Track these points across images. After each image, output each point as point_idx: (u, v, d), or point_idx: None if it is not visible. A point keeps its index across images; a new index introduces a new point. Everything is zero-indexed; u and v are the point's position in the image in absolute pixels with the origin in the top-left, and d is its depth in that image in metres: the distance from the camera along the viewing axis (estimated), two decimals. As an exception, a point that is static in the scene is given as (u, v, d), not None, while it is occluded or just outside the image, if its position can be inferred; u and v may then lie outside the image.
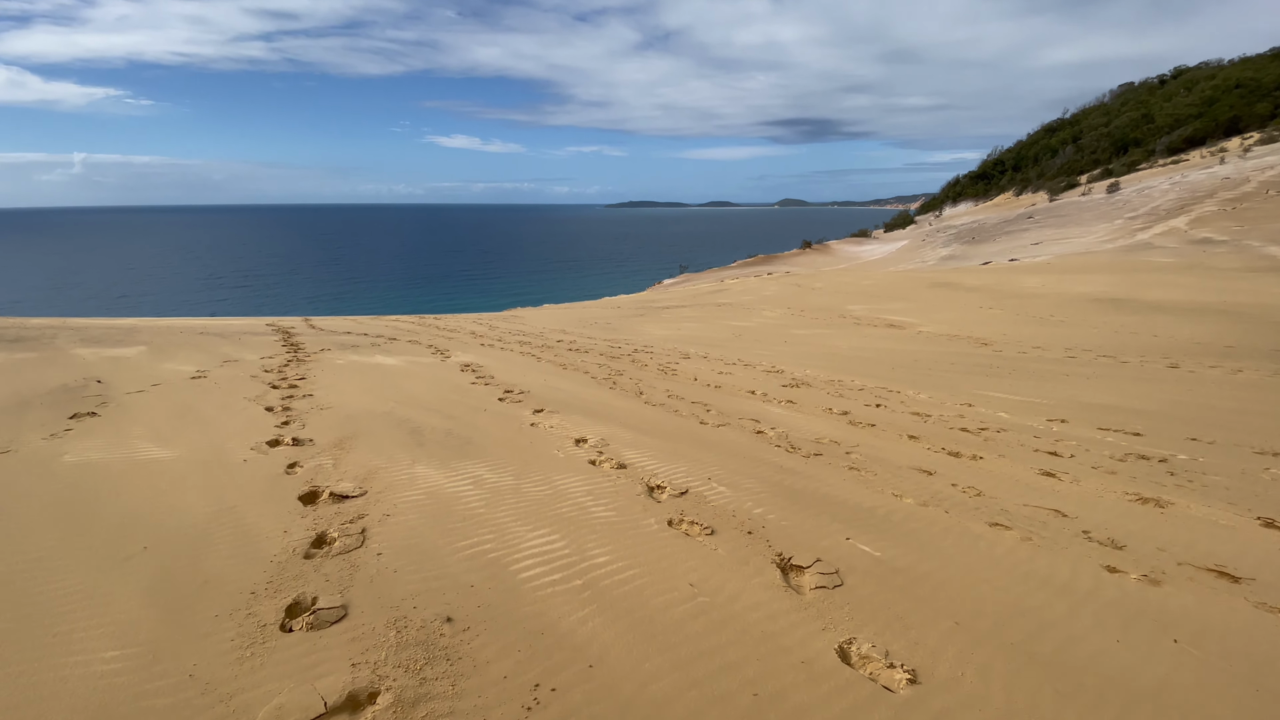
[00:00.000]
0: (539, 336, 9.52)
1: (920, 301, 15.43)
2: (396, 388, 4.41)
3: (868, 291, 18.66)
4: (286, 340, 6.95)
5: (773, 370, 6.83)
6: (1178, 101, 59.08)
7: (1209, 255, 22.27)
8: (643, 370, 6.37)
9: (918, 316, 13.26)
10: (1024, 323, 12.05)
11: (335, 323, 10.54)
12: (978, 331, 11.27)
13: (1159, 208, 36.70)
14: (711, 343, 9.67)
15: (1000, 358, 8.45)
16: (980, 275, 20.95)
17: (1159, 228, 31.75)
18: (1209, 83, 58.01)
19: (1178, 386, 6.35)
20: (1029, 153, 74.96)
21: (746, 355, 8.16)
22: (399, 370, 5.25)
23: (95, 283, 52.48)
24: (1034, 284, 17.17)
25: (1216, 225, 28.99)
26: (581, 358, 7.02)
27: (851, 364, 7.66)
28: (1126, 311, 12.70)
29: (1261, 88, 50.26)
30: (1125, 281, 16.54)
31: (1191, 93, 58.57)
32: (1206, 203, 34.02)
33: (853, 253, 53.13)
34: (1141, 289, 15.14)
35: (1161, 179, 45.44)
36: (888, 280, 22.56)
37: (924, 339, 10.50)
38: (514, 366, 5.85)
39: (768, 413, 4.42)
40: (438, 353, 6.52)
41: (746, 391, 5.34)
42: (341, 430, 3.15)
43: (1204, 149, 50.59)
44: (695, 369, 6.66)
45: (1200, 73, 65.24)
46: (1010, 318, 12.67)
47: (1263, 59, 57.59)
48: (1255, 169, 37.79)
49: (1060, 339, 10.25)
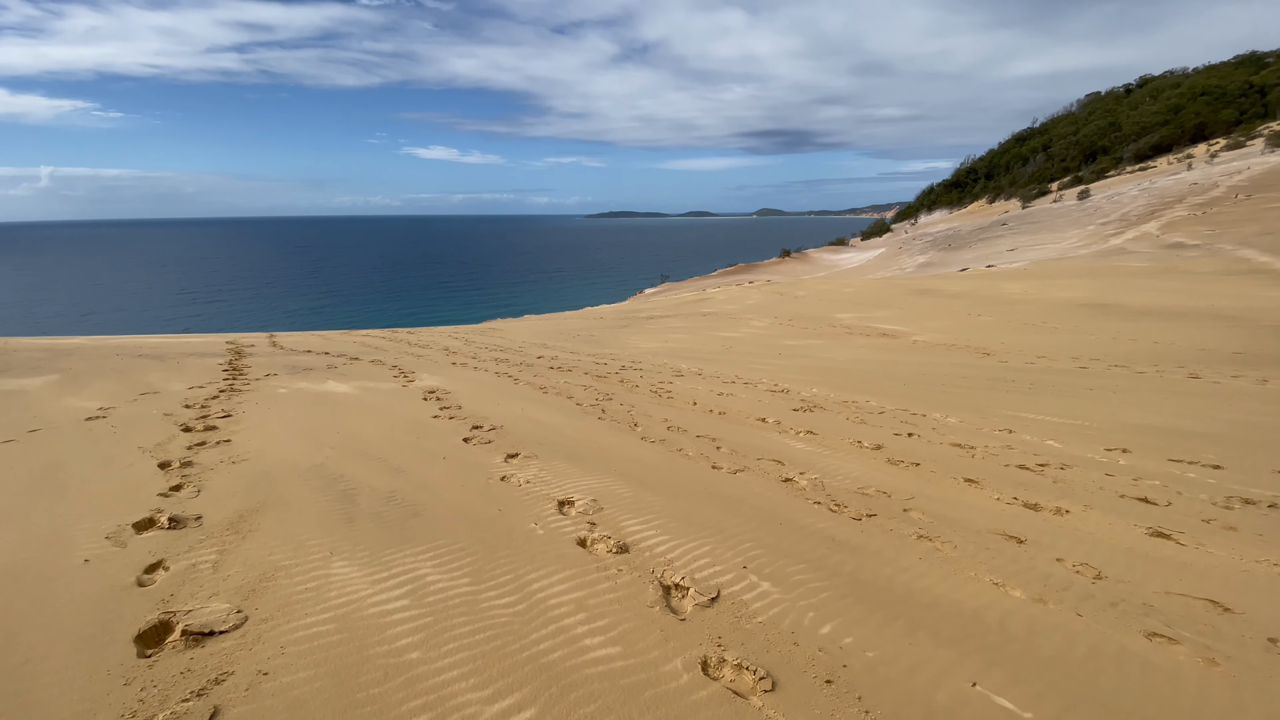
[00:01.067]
0: (518, 352, 8.82)
1: (906, 309, 15.00)
2: (340, 426, 3.68)
3: (851, 299, 18.21)
4: (232, 363, 6.19)
5: (777, 389, 6.16)
6: (1144, 110, 60.57)
7: (1182, 259, 22.33)
8: (634, 392, 5.66)
9: (909, 325, 12.81)
10: (1017, 330, 11.67)
11: (301, 339, 9.67)
12: (974, 340, 10.83)
13: (1129, 213, 37.22)
14: (702, 356, 9.03)
15: (1009, 369, 7.91)
16: (961, 282, 20.68)
17: (1131, 233, 32.11)
18: (1174, 91, 59.58)
19: (1216, 401, 5.81)
20: (1001, 161, 76.32)
21: (743, 370, 7.53)
22: (350, 401, 4.51)
23: (63, 299, 50.27)
24: (1016, 290, 16.87)
25: (1187, 229, 29.33)
26: (564, 378, 6.33)
27: (857, 379, 7.06)
28: (1115, 317, 12.39)
29: (1226, 95, 51.67)
30: (1105, 286, 16.32)
31: (1157, 101, 60.10)
32: (1176, 208, 34.53)
33: (831, 261, 53.25)
34: (1122, 293, 14.90)
35: (1130, 185, 46.33)
36: (869, 288, 22.19)
37: (922, 349, 10.00)
38: (487, 392, 5.14)
39: (789, 449, 3.72)
40: (401, 375, 5.80)
41: (756, 419, 4.64)
42: (248, 498, 2.36)
43: (1171, 155, 51.77)
44: (692, 390, 5.96)
45: (1165, 81, 67.08)
46: (1002, 325, 12.29)
47: (1226, 67, 59.37)
48: (1223, 174, 38.58)
49: (1061, 347, 9.81)
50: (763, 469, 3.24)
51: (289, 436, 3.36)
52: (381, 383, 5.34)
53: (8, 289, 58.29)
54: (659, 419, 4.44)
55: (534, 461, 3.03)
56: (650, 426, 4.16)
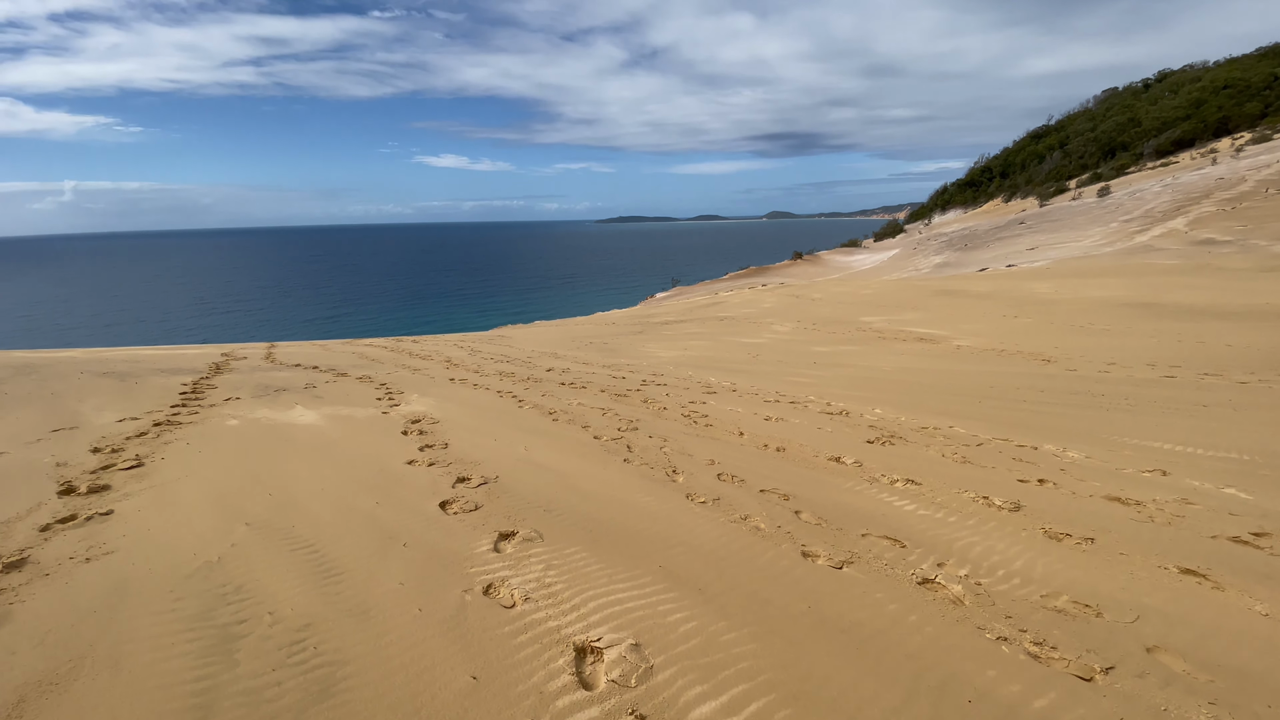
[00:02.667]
0: (525, 364, 8.33)
1: (934, 311, 14.48)
2: (280, 481, 2.94)
3: (871, 301, 17.79)
4: (198, 383, 5.54)
5: (833, 410, 5.33)
6: (1164, 104, 59.33)
7: (1215, 256, 21.63)
8: (662, 417, 4.87)
9: (944, 328, 12.21)
10: (1063, 332, 10.97)
11: (299, 350, 9.44)
12: (1021, 344, 10.05)
13: (1153, 210, 36.30)
14: (730, 367, 8.34)
15: (1086, 380, 6.98)
16: (985, 282, 20.16)
17: (1157, 230, 31.27)
18: (1195, 85, 58.31)
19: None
20: (1016, 159, 75.21)
21: (782, 384, 6.69)
22: (310, 437, 3.80)
23: (85, 310, 51.20)
24: (1045, 289, 16.35)
25: (1217, 225, 28.49)
26: (577, 397, 5.57)
27: (918, 394, 6.18)
28: (1165, 317, 11.76)
29: (1251, 88, 50.39)
30: (1141, 284, 15.74)
31: (1178, 95, 58.85)
32: (1203, 203, 33.59)
33: (844, 262, 52.60)
34: (1163, 292, 14.31)
35: (1152, 181, 45.25)
36: (888, 289, 21.73)
37: (970, 355, 9.22)
38: (484, 420, 4.47)
39: (896, 514, 2.85)
40: (386, 396, 5.15)
41: (828, 459, 3.77)
42: (54, 655, 1.55)
43: (1193, 150, 50.58)
44: (732, 412, 5.14)
45: (1185, 75, 65.72)
46: (1044, 327, 11.61)
47: (1249, 59, 57.98)
48: (1250, 168, 37.53)
49: (1127, 352, 8.91)
50: (877, 556, 2.38)
51: (198, 505, 2.60)
52: (359, 408, 4.68)
53: (33, 300, 59.48)
54: (702, 460, 3.63)
55: (537, 548, 2.28)
56: (695, 474, 3.31)
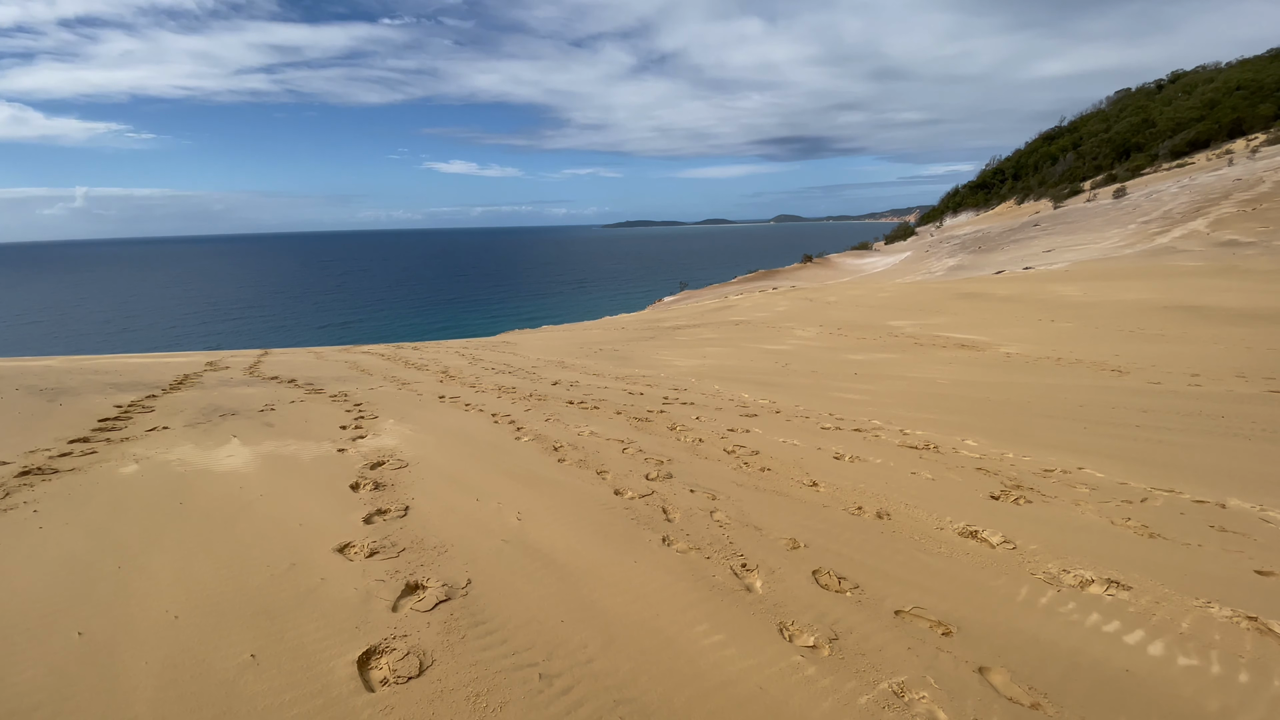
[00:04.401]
0: (530, 374, 7.72)
1: (963, 315, 14.04)
2: (117, 597, 1.86)
3: (890, 304, 17.44)
4: (135, 404, 4.59)
5: (915, 443, 4.16)
6: (1178, 105, 58.65)
7: (1240, 258, 21.16)
8: (700, 455, 3.76)
9: (982, 333, 11.55)
10: (1116, 338, 10.25)
11: (288, 359, 9.02)
12: (1078, 351, 9.19)
13: (1172, 211, 35.77)
14: (761, 379, 7.50)
15: (1180, 397, 6.01)
16: (1007, 284, 19.77)
17: (1177, 231, 30.77)
18: (1209, 86, 57.61)
19: None
20: (1028, 161, 74.59)
21: (829, 401, 5.69)
22: (220, 494, 2.79)
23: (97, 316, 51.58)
24: (1072, 292, 15.95)
25: (1239, 227, 27.96)
26: (588, 422, 4.61)
27: (999, 415, 5.13)
28: (1215, 320, 11.23)
29: (1264, 89, 49.71)
30: (1171, 287, 15.31)
31: (1191, 96, 58.16)
32: (1223, 204, 33.04)
33: (855, 265, 52.20)
34: (1198, 295, 13.86)
35: (1169, 182, 44.64)
36: (905, 292, 21.37)
37: (1025, 365, 8.38)
38: (466, 461, 3.47)
39: (1153, 675, 1.64)
40: (355, 423, 4.26)
41: (959, 532, 2.60)
42: None
43: (1209, 151, 49.90)
44: (788, 447, 3.97)
45: (1198, 76, 64.99)
46: (1090, 332, 10.99)
47: (1262, 60, 57.24)
48: (1268, 169, 36.91)
49: (1204, 361, 8.05)
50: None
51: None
52: (312, 442, 3.71)
53: (43, 306, 59.96)
54: (780, 540, 2.43)
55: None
56: (778, 573, 2.15)
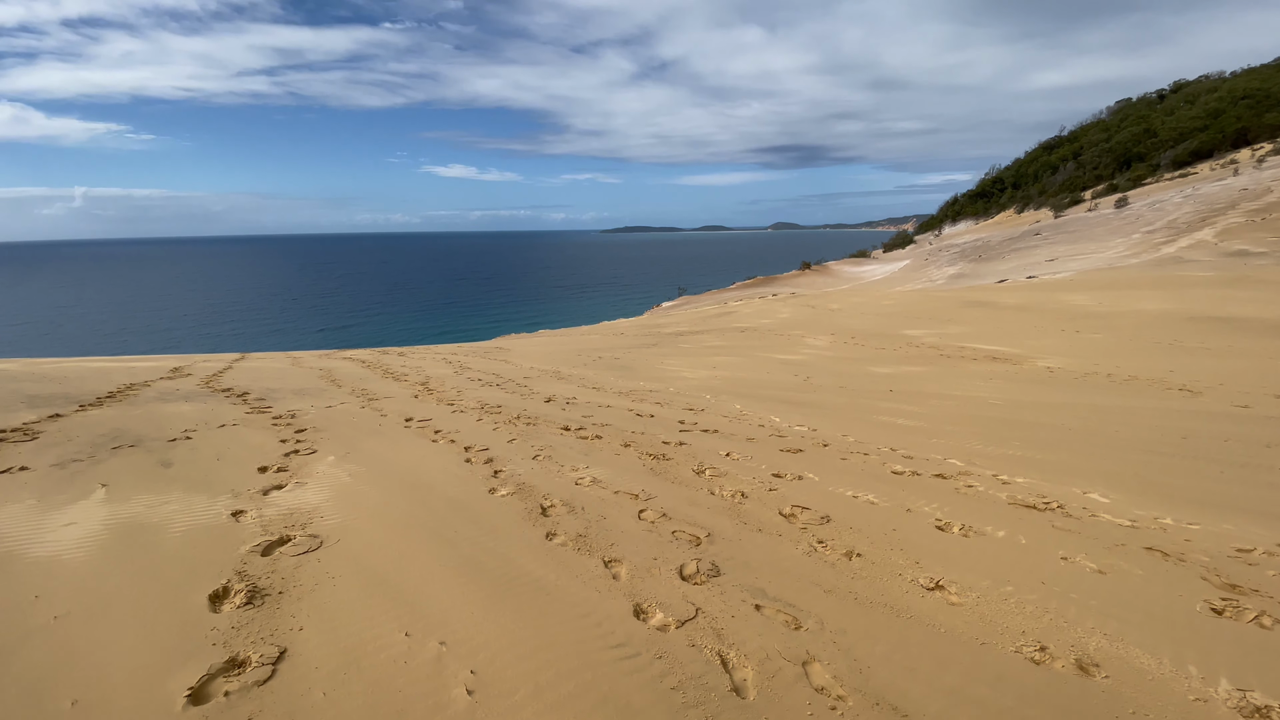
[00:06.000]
0: (521, 386, 7.00)
1: (976, 324, 13.44)
2: None
3: (895, 312, 16.92)
4: (12, 431, 3.81)
5: (1024, 499, 3.19)
6: (1180, 115, 58.42)
7: (1252, 268, 20.71)
8: (746, 520, 2.79)
9: (1010, 344, 10.88)
10: (1160, 352, 9.50)
11: (258, 365, 8.45)
12: (1125, 366, 8.45)
13: (1177, 221, 35.43)
14: (785, 396, 6.66)
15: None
16: (1014, 293, 19.26)
17: (1184, 241, 30.39)
18: (1212, 95, 57.39)
19: None
20: (1028, 170, 74.38)
21: (873, 427, 4.86)
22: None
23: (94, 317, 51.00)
24: (1083, 301, 15.42)
25: (1249, 237, 27.57)
26: (587, 457, 3.68)
27: (1097, 451, 4.30)
28: (1253, 333, 10.61)
29: (1270, 98, 49.43)
30: (1189, 297, 14.77)
31: (1194, 106, 57.94)
32: (1229, 214, 32.67)
33: (853, 273, 51.76)
34: (1218, 305, 13.31)
35: (1172, 192, 44.30)
36: (909, 300, 20.85)
37: (1075, 382, 7.58)
38: (409, 538, 2.46)
39: None
40: (281, 462, 3.31)
41: (1191, 698, 1.63)
42: None
43: (1213, 161, 49.61)
44: (863, 507, 3.02)
45: (1201, 86, 64.81)
46: (1125, 344, 10.31)
47: (1268, 69, 57.04)
48: (1275, 179, 36.55)
49: (1275, 378, 7.31)
50: None
51: None
52: (204, 496, 2.73)
53: (40, 306, 59.32)
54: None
55: None
56: None
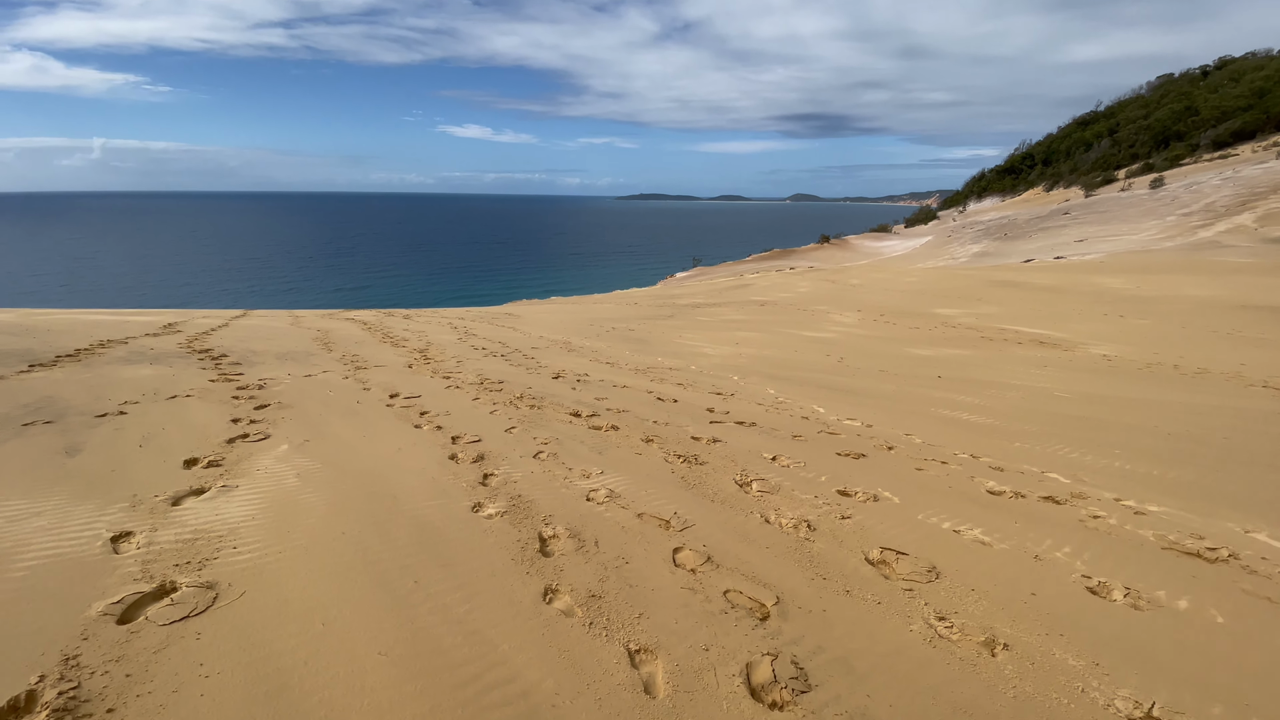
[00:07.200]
0: (528, 359, 6.46)
1: (1008, 305, 12.97)
2: None
3: (920, 289, 16.54)
4: None
5: (1187, 544, 2.41)
6: (1224, 93, 55.92)
7: (1292, 255, 19.97)
8: (823, 573, 2.03)
9: (1053, 328, 10.22)
10: (1218, 342, 8.82)
11: (254, 324, 8.26)
12: (1188, 357, 7.70)
13: (1214, 204, 34.24)
14: (822, 380, 6.08)
15: None
16: (1044, 274, 18.75)
17: (1221, 225, 29.39)
18: (1258, 73, 54.78)
19: None
20: (1060, 146, 71.94)
21: (940, 425, 4.42)
22: None
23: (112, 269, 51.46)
24: (1118, 285, 14.96)
25: (1290, 223, 26.62)
26: (601, 455, 3.11)
27: (1213, 466, 3.66)
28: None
29: (1322, 78, 47.05)
30: (1228, 284, 14.25)
31: (1239, 84, 55.41)
32: (1271, 199, 31.49)
33: (873, 248, 50.75)
34: (1265, 294, 12.72)
35: (1210, 174, 42.73)
36: (933, 277, 20.39)
37: (1141, 375, 6.84)
38: (356, 579, 1.82)
39: None
40: (216, 454, 2.78)
41: None
42: None
43: (1255, 143, 47.65)
44: (968, 544, 2.33)
45: (1247, 64, 61.87)
46: (1181, 332, 9.58)
47: (1321, 47, 54.20)
48: (1321, 163, 35.12)
49: None
50: None
51: None
52: (91, 506, 2.18)
53: (59, 257, 59.73)
54: None
55: None
56: None
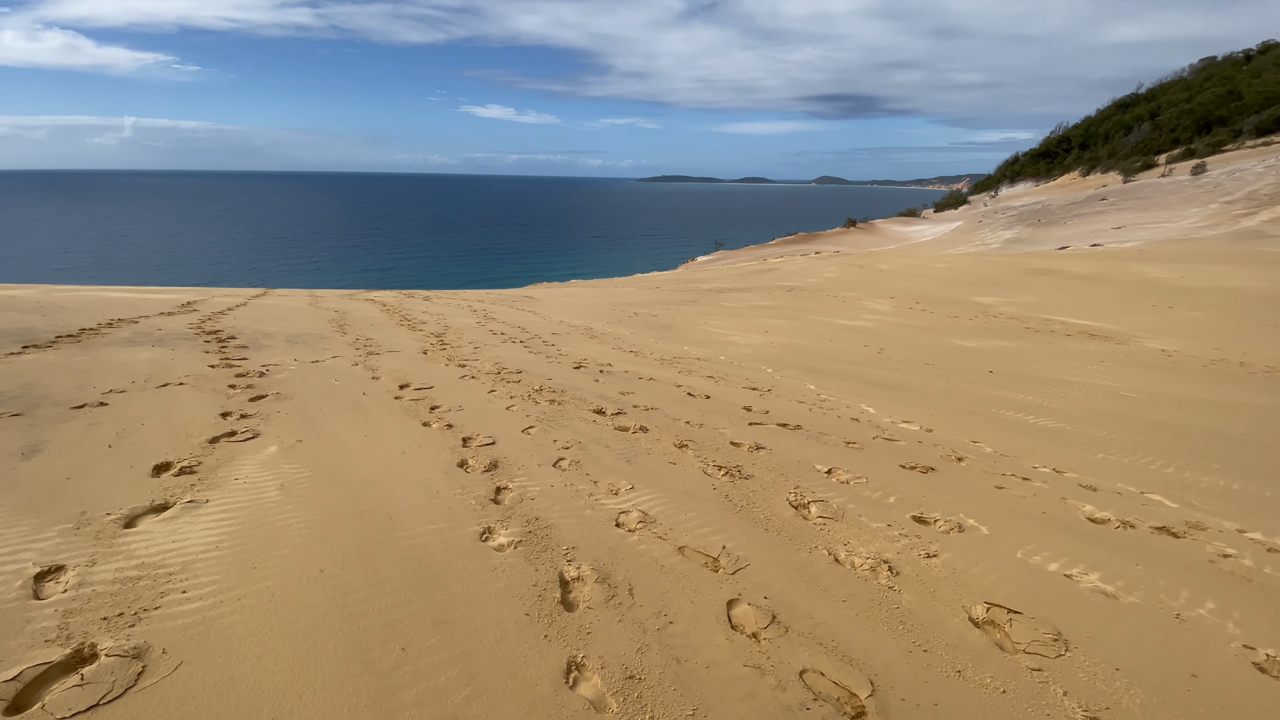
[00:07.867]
0: (548, 345, 6.17)
1: (1047, 294, 12.78)
2: None
3: (953, 276, 16.42)
4: None
5: None
6: (1268, 78, 53.66)
7: (1341, 246, 19.40)
8: (910, 621, 1.79)
9: (1102, 319, 9.84)
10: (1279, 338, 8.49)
11: (272, 303, 8.38)
12: (1257, 354, 7.29)
13: (1258, 192, 33.16)
14: (864, 375, 5.72)
15: None
16: (1083, 261, 18.46)
17: (1265, 214, 28.54)
18: (1311, 55, 52.42)
19: None
20: (1098, 130, 69.68)
21: (1006, 430, 4.13)
22: None
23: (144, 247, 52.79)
24: (1162, 274, 14.69)
25: (1337, 212, 25.76)
26: (630, 464, 2.88)
27: None
28: None
29: (1379, 60, 44.84)
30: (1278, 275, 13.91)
31: (1290, 66, 53.11)
32: (1318, 188, 30.47)
33: (901, 233, 49.94)
34: None
35: (1254, 161, 41.24)
36: (965, 264, 20.17)
37: (1208, 373, 6.43)
38: (324, 642, 1.51)
39: None
40: (194, 458, 2.59)
41: None
42: None
43: (1304, 128, 45.77)
44: (1068, 577, 2.11)
45: (1299, 45, 59.20)
46: (1238, 326, 9.15)
47: (1381, 27, 51.62)
48: (1375, 150, 33.72)
49: None
50: None
51: None
52: (21, 527, 1.96)
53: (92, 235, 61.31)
54: None
55: None
56: None
